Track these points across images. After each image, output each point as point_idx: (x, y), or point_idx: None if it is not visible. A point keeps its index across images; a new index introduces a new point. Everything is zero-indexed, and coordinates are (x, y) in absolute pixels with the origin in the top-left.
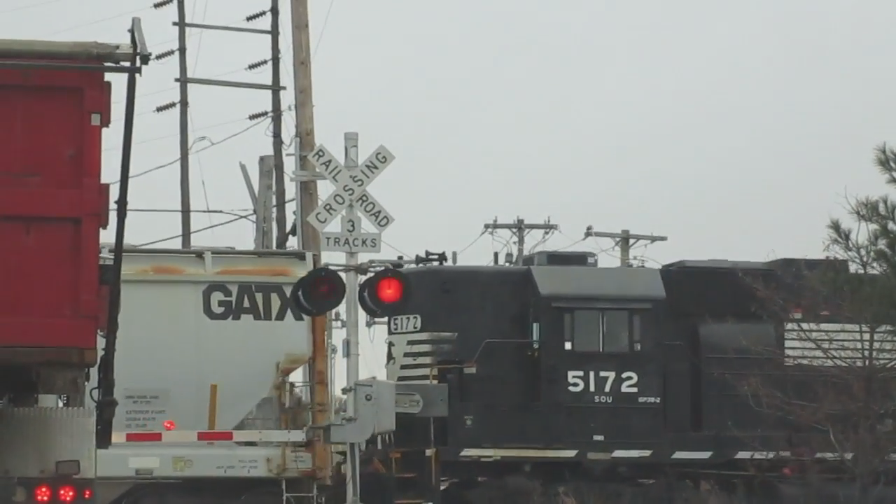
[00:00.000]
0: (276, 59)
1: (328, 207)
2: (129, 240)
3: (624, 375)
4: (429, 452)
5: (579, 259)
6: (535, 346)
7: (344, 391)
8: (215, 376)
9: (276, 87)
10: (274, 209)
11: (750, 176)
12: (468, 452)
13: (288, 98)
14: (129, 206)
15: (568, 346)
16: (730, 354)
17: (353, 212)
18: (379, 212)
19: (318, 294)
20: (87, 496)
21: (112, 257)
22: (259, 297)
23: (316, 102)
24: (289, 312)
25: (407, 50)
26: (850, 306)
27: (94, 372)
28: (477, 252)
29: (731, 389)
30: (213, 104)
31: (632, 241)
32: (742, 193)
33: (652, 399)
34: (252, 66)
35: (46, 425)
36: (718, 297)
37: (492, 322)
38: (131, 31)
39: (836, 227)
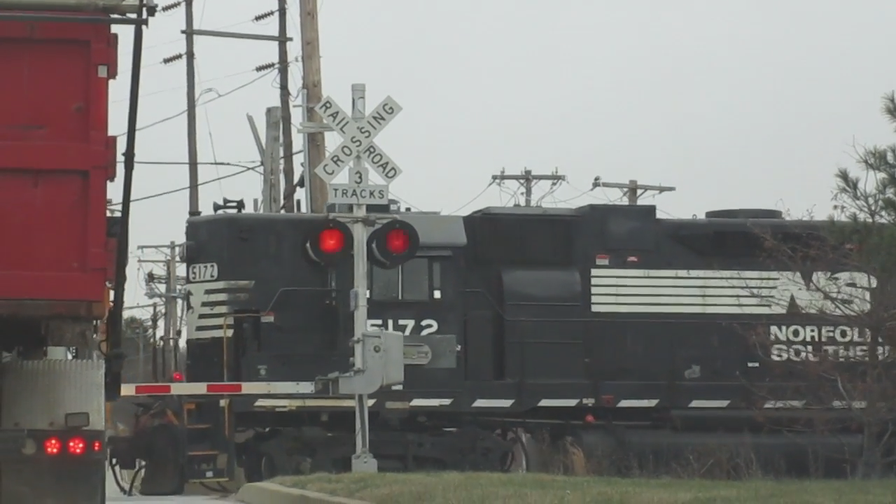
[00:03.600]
0: (282, 11)
1: (336, 159)
2: (136, 192)
3: (423, 324)
4: (222, 403)
5: (381, 207)
6: (334, 294)
7: (351, 342)
8: None
9: (282, 39)
10: (281, 161)
11: (759, 125)
12: (262, 403)
13: (295, 49)
14: (136, 159)
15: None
16: (533, 302)
17: (361, 163)
18: (386, 163)
19: (326, 246)
20: (96, 448)
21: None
22: None
23: (323, 54)
24: None
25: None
26: (857, 255)
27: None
28: (485, 203)
29: (533, 337)
30: (219, 56)
31: (640, 191)
32: (751, 143)
33: None
34: (258, 18)
35: (55, 378)
36: (523, 245)
37: (290, 270)
38: None
39: (843, 176)
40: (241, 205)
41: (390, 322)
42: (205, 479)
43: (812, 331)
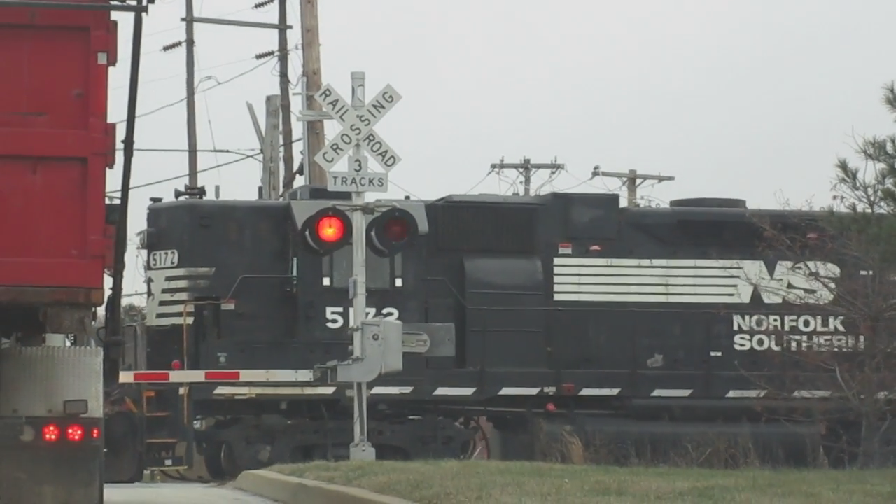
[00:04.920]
0: None
1: (335, 147)
2: (135, 180)
3: (384, 311)
4: (181, 391)
5: (343, 194)
6: (294, 282)
7: (351, 330)
8: None
9: (282, 27)
10: (281, 149)
11: (758, 115)
12: (222, 391)
13: (294, 37)
14: (135, 146)
15: (326, 281)
16: (495, 290)
17: (360, 151)
18: (385, 151)
19: (325, 233)
20: (94, 435)
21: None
22: None
23: (323, 42)
24: None
25: None
26: (856, 245)
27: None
28: (483, 192)
29: (495, 325)
30: (219, 44)
31: (639, 180)
32: (749, 133)
33: None
34: (258, 5)
35: (54, 365)
36: (485, 233)
37: (250, 257)
38: None
39: (843, 166)
40: (202, 191)
41: (350, 310)
42: (164, 466)
43: (775, 320)
